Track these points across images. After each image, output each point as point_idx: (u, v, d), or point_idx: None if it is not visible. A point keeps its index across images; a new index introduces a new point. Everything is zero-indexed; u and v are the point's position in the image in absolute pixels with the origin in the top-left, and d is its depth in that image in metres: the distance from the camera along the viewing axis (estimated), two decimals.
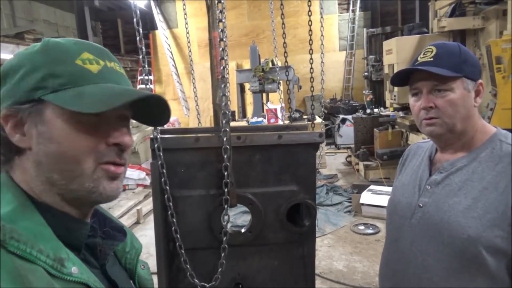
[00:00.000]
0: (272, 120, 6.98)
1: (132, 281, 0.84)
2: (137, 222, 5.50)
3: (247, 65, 9.93)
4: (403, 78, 1.26)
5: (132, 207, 5.89)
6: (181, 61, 12.05)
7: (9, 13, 7.96)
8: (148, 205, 5.88)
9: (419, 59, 1.21)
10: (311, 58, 2.01)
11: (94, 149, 0.67)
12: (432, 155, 1.30)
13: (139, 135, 6.96)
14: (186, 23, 2.34)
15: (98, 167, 0.68)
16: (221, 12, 1.17)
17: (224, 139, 1.21)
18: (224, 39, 1.17)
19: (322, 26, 2.09)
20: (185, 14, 2.38)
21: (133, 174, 6.89)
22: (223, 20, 1.18)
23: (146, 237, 4.88)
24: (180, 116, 11.90)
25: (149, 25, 12.19)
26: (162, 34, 11.87)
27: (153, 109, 0.77)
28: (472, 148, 1.19)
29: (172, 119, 10.92)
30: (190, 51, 2.43)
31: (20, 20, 8.26)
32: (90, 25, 9.63)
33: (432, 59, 1.17)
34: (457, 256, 1.12)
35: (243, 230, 1.35)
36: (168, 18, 12.24)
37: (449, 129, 1.17)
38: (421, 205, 1.22)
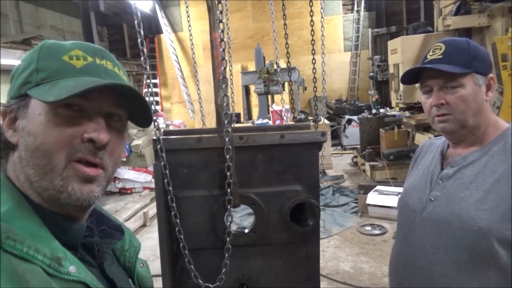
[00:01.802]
0: (278, 122, 6.98)
1: (131, 279, 0.84)
2: (144, 225, 5.53)
3: (252, 67, 9.94)
4: (413, 76, 1.27)
5: (139, 210, 5.92)
6: (187, 64, 12.11)
7: (16, 19, 8.05)
8: (154, 208, 5.83)
9: (428, 56, 1.23)
10: (313, 59, 2.01)
11: (67, 143, 0.65)
12: (444, 150, 1.31)
13: (145, 138, 7.00)
14: (189, 26, 2.36)
15: (69, 164, 0.66)
16: (221, 12, 1.17)
17: (226, 139, 1.21)
18: (224, 40, 1.17)
19: (322, 26, 2.09)
20: (188, 16, 2.40)
21: (139, 177, 6.92)
22: (224, 21, 1.18)
23: (152, 239, 4.90)
24: (186, 119, 11.95)
25: (154, 29, 12.27)
26: (167, 37, 11.94)
27: (139, 107, 0.76)
28: (484, 142, 1.20)
29: (178, 122, 10.97)
30: (193, 53, 2.44)
31: (27, 26, 8.35)
32: (96, 30, 9.70)
33: (441, 56, 1.19)
34: (468, 249, 1.12)
35: (246, 231, 1.35)
36: (173, 21, 12.31)
37: (461, 125, 1.18)
38: (432, 199, 1.23)
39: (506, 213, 1.07)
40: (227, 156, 1.21)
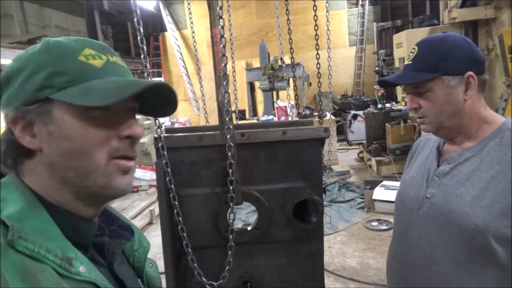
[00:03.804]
0: (283, 118, 6.96)
1: (140, 279, 0.84)
2: (150, 223, 5.55)
3: (256, 63, 9.91)
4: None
5: (145, 207, 5.94)
6: (191, 61, 12.10)
7: (21, 19, 8.08)
8: None
9: (405, 60, 1.25)
10: (317, 54, 1.99)
11: (106, 143, 0.67)
12: (440, 146, 1.29)
13: (150, 136, 7.02)
14: (192, 23, 2.35)
15: (111, 162, 0.68)
16: (221, 8, 1.16)
17: (228, 136, 1.20)
18: (224, 36, 1.16)
19: (328, 21, 2.07)
20: (190, 14, 2.39)
21: (145, 175, 6.94)
22: (224, 17, 1.17)
23: (159, 237, 4.87)
24: (192, 116, 11.96)
25: (159, 27, 12.27)
26: (171, 35, 11.94)
27: (159, 100, 0.77)
28: (480, 138, 1.17)
29: (183, 119, 11.00)
30: (196, 51, 2.43)
31: (32, 26, 8.39)
32: (101, 29, 9.73)
33: (411, 62, 1.20)
34: (465, 247, 1.10)
35: (249, 228, 1.34)
36: (177, 19, 12.31)
37: (439, 126, 1.19)
38: (428, 196, 1.21)
39: (503, 210, 1.04)
40: (229, 154, 1.20)
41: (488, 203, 1.07)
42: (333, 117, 7.97)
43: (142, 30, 1.17)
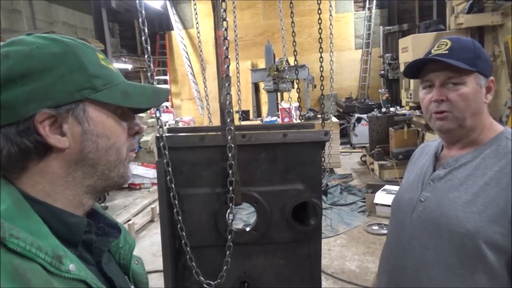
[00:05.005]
0: (286, 120, 6.97)
1: (127, 276, 0.84)
2: (152, 221, 5.57)
3: (262, 64, 9.93)
4: (416, 70, 1.24)
5: (147, 205, 5.97)
6: (197, 60, 12.14)
7: (29, 15, 8.14)
8: None
9: (432, 51, 1.19)
10: (321, 57, 2.01)
11: (127, 139, 0.77)
12: (438, 152, 1.30)
13: (154, 134, 7.04)
14: (197, 23, 2.37)
15: (127, 154, 0.77)
16: (225, 10, 1.17)
17: (229, 137, 1.21)
18: (228, 38, 1.17)
19: (331, 24, 2.08)
20: (196, 14, 2.41)
21: (148, 173, 6.97)
22: (227, 19, 1.18)
23: (160, 235, 4.93)
24: (196, 115, 12.00)
25: (165, 26, 12.32)
26: (177, 34, 11.98)
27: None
28: (478, 145, 1.18)
29: (187, 118, 11.03)
30: (201, 50, 2.45)
31: (40, 22, 8.45)
32: (108, 26, 9.77)
33: (447, 51, 1.16)
34: (456, 251, 1.11)
35: (248, 229, 1.35)
36: (183, 18, 12.35)
37: (460, 124, 1.16)
38: (422, 199, 1.22)
39: (494, 216, 1.05)
40: (230, 154, 1.21)
41: (480, 209, 1.08)
42: (335, 120, 7.98)
43: (147, 31, 1.19)
